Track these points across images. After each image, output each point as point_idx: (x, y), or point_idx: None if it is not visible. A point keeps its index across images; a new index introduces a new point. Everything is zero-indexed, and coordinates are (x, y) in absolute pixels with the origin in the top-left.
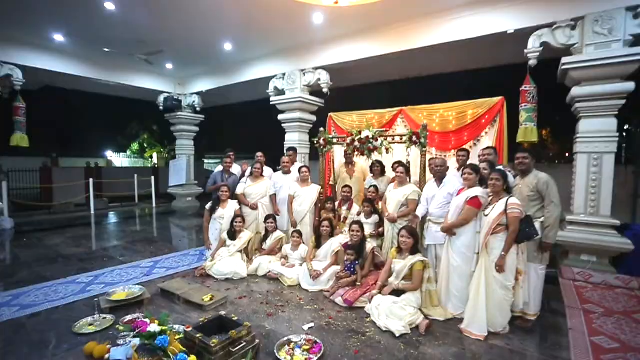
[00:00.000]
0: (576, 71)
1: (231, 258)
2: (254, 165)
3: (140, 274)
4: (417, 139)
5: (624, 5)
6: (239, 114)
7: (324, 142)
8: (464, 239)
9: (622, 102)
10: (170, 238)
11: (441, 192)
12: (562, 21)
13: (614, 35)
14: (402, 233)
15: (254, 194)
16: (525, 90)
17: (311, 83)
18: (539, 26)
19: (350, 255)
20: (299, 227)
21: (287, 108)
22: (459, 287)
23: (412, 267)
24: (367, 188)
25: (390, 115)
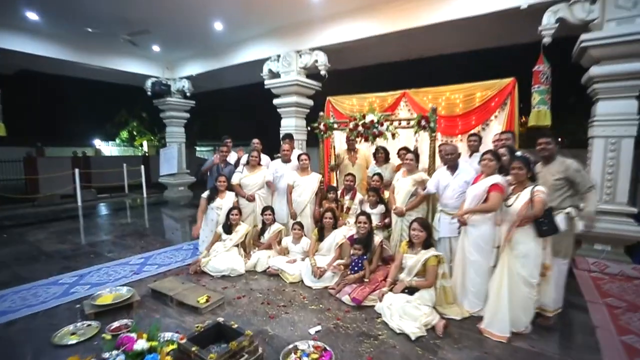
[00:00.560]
0: (596, 49)
1: (227, 253)
2: (250, 154)
3: (129, 272)
4: (426, 123)
5: None
6: (232, 100)
7: (325, 127)
8: (482, 231)
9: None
10: (162, 231)
11: (456, 180)
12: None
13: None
14: (413, 226)
15: (250, 185)
16: (539, 70)
17: (308, 65)
18: (555, 0)
19: (358, 249)
20: (299, 219)
21: (283, 92)
22: (475, 283)
23: (425, 262)
24: (370, 176)
25: (392, 98)
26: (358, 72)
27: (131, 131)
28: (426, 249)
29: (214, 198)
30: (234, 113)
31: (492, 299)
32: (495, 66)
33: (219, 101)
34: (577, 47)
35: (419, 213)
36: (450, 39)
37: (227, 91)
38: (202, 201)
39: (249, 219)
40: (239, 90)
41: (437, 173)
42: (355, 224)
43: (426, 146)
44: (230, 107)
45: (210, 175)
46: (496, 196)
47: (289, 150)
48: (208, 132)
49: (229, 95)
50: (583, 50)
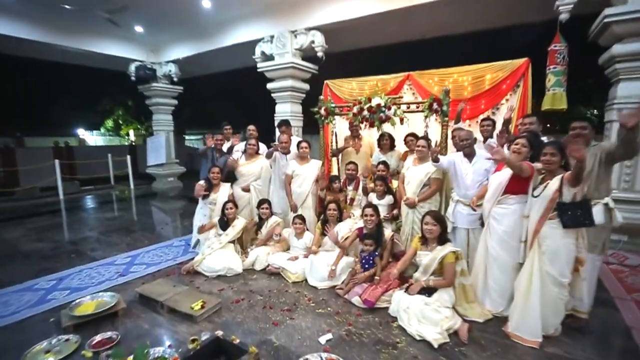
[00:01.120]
0: (620, 25)
1: (223, 251)
2: (247, 142)
3: (114, 273)
4: (438, 106)
5: None
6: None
7: (326, 112)
8: (507, 226)
9: None
10: (150, 226)
11: (474, 168)
12: None
13: None
14: (426, 220)
15: (247, 175)
16: (555, 50)
17: (304, 46)
18: None
19: (369, 245)
20: (300, 211)
21: (278, 75)
22: (499, 281)
23: (442, 260)
24: (375, 164)
25: (395, 81)
26: (356, 55)
27: (116, 120)
28: (442, 244)
29: (207, 196)
30: (224, 99)
31: (520, 299)
32: (502, 48)
33: (208, 87)
34: (598, 24)
35: (432, 204)
36: (454, 18)
37: (217, 76)
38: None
39: (244, 212)
40: (229, 75)
41: (452, 155)
42: (361, 217)
43: (434, 132)
44: (220, 93)
45: (203, 164)
46: (527, 169)
47: (288, 141)
48: (197, 120)
49: (219, 81)
50: (605, 26)
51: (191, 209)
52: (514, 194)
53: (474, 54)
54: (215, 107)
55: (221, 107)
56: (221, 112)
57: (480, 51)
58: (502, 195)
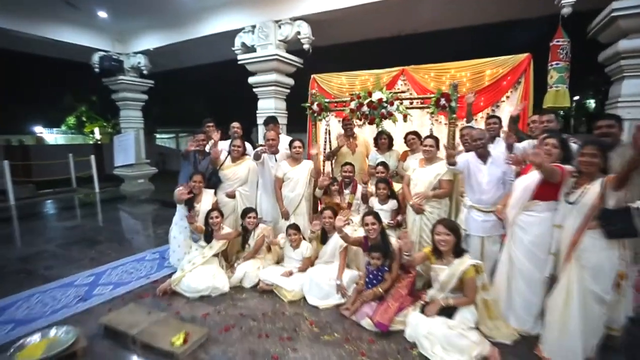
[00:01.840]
0: (627, 19)
1: (207, 266)
2: (232, 142)
3: (74, 298)
4: (446, 101)
5: None
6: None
7: (319, 107)
8: (535, 236)
9: None
10: (118, 235)
11: (490, 171)
12: None
13: None
14: (437, 229)
15: (232, 179)
16: (557, 45)
17: (289, 38)
18: None
19: (376, 258)
20: (292, 219)
21: (260, 69)
22: (525, 295)
23: (462, 275)
24: (372, 165)
25: (389, 76)
26: (344, 48)
27: (79, 116)
28: (458, 256)
29: (190, 205)
30: (200, 95)
31: (556, 321)
32: (500, 44)
33: (182, 81)
34: (602, 19)
35: (441, 210)
36: (448, 11)
37: (192, 70)
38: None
39: (229, 220)
40: (206, 69)
41: (465, 155)
42: (362, 226)
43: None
44: (196, 88)
45: (183, 168)
46: (555, 172)
47: (276, 139)
48: (170, 117)
49: (195, 75)
50: (611, 21)
51: (165, 214)
52: (542, 199)
53: (471, 49)
54: (190, 103)
55: (196, 103)
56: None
57: (477, 46)
58: (529, 201)
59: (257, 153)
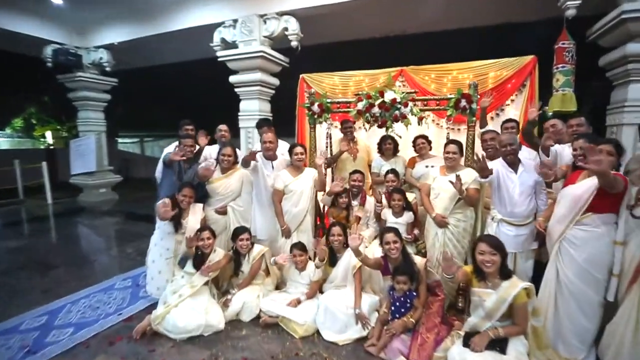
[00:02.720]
0: (636, 22)
1: (196, 299)
2: (221, 151)
3: (18, 350)
4: (467, 103)
5: None
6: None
7: (320, 108)
8: (591, 252)
9: None
10: (78, 257)
11: (521, 180)
12: None
13: None
14: (481, 248)
15: (223, 193)
16: (563, 47)
17: (275, 34)
18: None
19: (402, 283)
20: (295, 236)
21: (243, 67)
22: (578, 321)
23: (513, 300)
24: (376, 173)
25: (386, 77)
26: (337, 48)
27: (28, 118)
28: (505, 278)
29: (177, 223)
30: (170, 96)
31: (627, 349)
32: (498, 47)
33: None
34: (609, 21)
35: (467, 223)
36: (439, 13)
37: (163, 68)
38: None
39: (220, 240)
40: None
41: (493, 164)
42: (380, 245)
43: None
44: (165, 88)
45: (164, 178)
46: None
47: (274, 141)
48: (135, 120)
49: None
50: (619, 23)
51: (134, 229)
52: (597, 212)
53: (468, 51)
54: (158, 104)
55: (166, 104)
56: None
57: (475, 49)
58: (583, 215)
59: (246, 159)
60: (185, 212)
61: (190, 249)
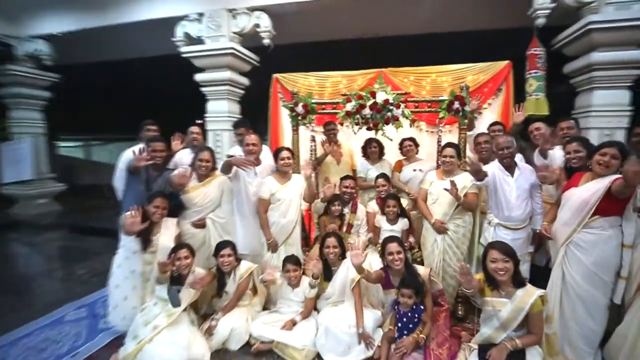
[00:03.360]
0: (600, 33)
1: (174, 330)
2: (198, 156)
3: None
4: (460, 105)
5: None
6: (123, 75)
7: (305, 109)
8: (599, 255)
9: (638, 73)
10: (15, 282)
11: (518, 184)
12: None
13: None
14: (493, 256)
15: (201, 204)
16: (535, 54)
17: (245, 30)
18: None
19: (408, 297)
20: (283, 250)
21: (211, 64)
22: (586, 325)
23: (530, 309)
24: (362, 177)
25: (364, 79)
26: (311, 48)
27: None
28: (519, 286)
29: (146, 238)
30: (121, 95)
31: (633, 354)
32: (470, 52)
33: (100, 78)
34: (576, 31)
35: (466, 228)
36: (411, 17)
37: (114, 64)
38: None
39: (198, 257)
40: (133, 63)
41: (489, 167)
42: (384, 257)
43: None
44: (118, 86)
45: (129, 187)
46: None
47: (259, 144)
48: (79, 122)
49: (119, 70)
50: (584, 33)
51: (85, 245)
52: (604, 215)
53: (443, 56)
54: (109, 104)
55: (118, 105)
56: (115, 111)
57: (449, 54)
58: (591, 218)
59: (226, 164)
60: (156, 227)
61: (163, 273)
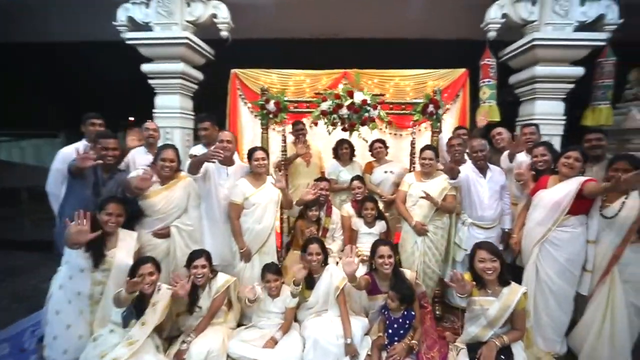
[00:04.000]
0: (543, 49)
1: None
2: (160, 155)
3: None
4: (435, 108)
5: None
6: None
7: (277, 107)
8: (571, 251)
9: (571, 86)
10: None
11: (490, 185)
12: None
13: (569, 18)
14: (480, 256)
15: (164, 210)
16: (488, 64)
17: (201, 20)
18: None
19: (392, 299)
20: (256, 259)
21: (162, 55)
22: (556, 316)
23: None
24: (334, 180)
25: (328, 79)
26: (272, 45)
27: None
28: (504, 285)
29: (97, 254)
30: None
31: (600, 339)
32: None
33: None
34: (520, 46)
35: (444, 230)
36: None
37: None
38: None
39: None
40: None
41: (463, 168)
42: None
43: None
44: (37, 74)
45: (70, 192)
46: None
47: (233, 142)
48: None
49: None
50: (529, 49)
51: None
52: (575, 214)
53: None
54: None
55: (37, 95)
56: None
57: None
58: (563, 217)
59: (195, 163)
60: (110, 239)
61: (131, 294)
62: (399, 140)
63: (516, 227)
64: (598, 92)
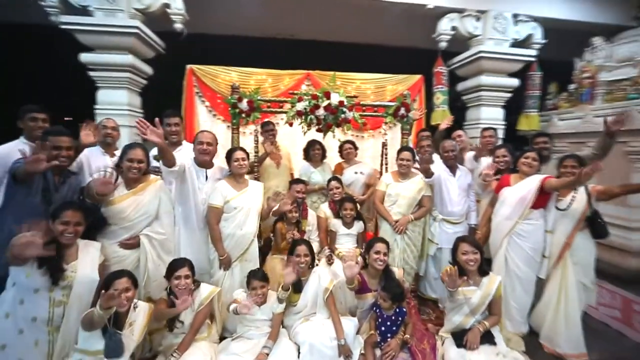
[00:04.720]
0: (487, 60)
1: None
2: (126, 155)
3: None
4: (406, 111)
5: (512, 11)
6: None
7: (250, 106)
8: (534, 241)
9: (509, 95)
10: None
11: (459, 183)
12: (470, 10)
13: (506, 35)
14: (464, 248)
15: (132, 217)
16: (440, 72)
17: (151, 9)
18: (451, 9)
19: (383, 298)
20: (237, 266)
21: (106, 44)
22: (521, 300)
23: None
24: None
25: (291, 79)
26: (229, 41)
27: None
28: (483, 275)
29: (55, 269)
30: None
31: (557, 317)
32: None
33: None
34: (468, 57)
35: (420, 227)
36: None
37: None
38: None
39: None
40: None
41: (435, 168)
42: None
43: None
44: None
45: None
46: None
47: (214, 142)
48: None
49: None
50: (475, 59)
51: None
52: (536, 208)
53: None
54: None
55: None
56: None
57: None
58: (528, 211)
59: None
60: (70, 252)
61: (106, 310)
62: (361, 141)
63: (481, 222)
64: (530, 101)
